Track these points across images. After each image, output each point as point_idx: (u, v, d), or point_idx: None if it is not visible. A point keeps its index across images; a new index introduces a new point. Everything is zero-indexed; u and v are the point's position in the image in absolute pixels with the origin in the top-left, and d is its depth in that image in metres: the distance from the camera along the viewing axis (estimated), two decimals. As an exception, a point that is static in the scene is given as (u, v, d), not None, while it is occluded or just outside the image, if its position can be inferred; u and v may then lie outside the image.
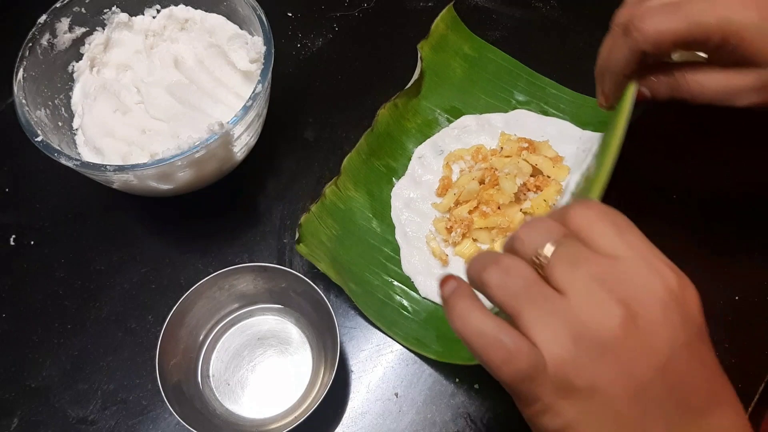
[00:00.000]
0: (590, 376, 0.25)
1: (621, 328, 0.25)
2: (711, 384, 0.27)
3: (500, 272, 0.27)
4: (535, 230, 0.28)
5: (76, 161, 0.41)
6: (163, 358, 0.40)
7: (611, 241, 0.27)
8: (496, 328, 0.26)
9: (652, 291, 0.26)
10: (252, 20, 0.47)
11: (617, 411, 0.25)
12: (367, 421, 0.42)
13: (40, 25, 0.46)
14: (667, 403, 0.25)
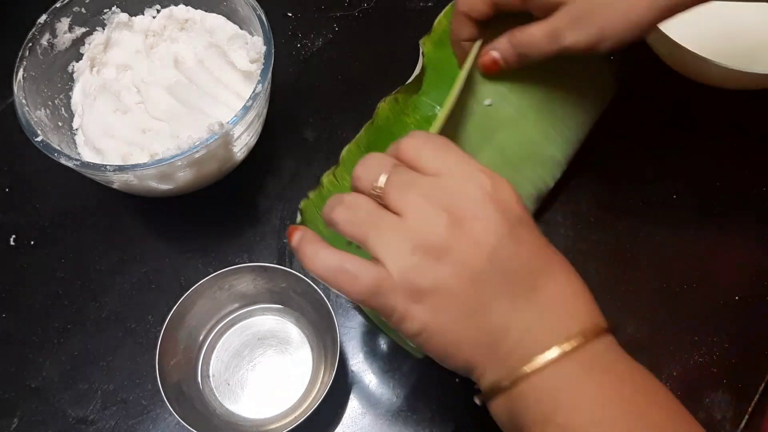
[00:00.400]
0: (432, 276, 0.29)
1: (448, 231, 0.29)
2: (538, 259, 0.31)
3: (345, 209, 0.31)
4: (369, 166, 0.32)
5: (76, 161, 0.41)
6: (163, 358, 0.40)
7: (433, 162, 0.31)
8: (339, 259, 0.30)
9: (469, 195, 0.30)
10: (252, 20, 0.47)
11: (460, 300, 0.29)
12: (367, 421, 0.42)
13: (40, 25, 0.46)
14: (501, 283, 0.30)
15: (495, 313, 0.30)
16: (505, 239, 0.30)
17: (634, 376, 0.31)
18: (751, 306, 0.46)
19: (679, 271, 0.47)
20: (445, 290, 0.29)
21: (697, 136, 0.53)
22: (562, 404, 0.29)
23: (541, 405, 0.29)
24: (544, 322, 0.30)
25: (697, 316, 0.46)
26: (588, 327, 0.30)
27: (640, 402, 0.30)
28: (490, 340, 0.30)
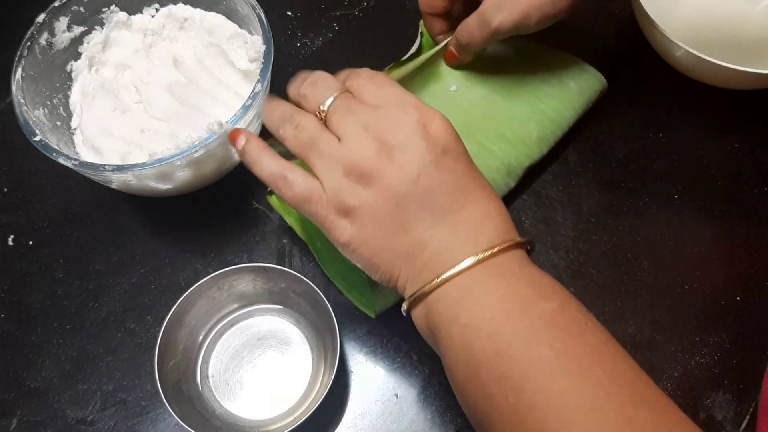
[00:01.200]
0: (358, 196, 0.34)
1: (378, 158, 0.33)
2: (458, 186, 0.34)
3: (292, 128, 0.36)
4: (318, 87, 0.36)
5: (74, 161, 0.40)
6: (163, 359, 0.40)
7: (374, 95, 0.35)
8: (281, 167, 0.35)
9: (401, 126, 0.34)
10: (251, 19, 0.46)
11: (382, 218, 0.33)
12: (367, 422, 0.42)
13: (39, 24, 0.46)
14: (421, 206, 0.33)
15: (414, 230, 0.34)
16: (429, 167, 0.33)
17: (537, 281, 0.33)
18: (751, 306, 0.46)
19: (679, 271, 0.47)
20: (370, 209, 0.34)
21: (697, 136, 0.52)
22: (465, 306, 0.32)
23: (449, 309, 0.33)
24: (458, 238, 0.33)
25: (698, 316, 0.45)
26: (496, 242, 0.33)
27: (536, 302, 0.32)
28: (409, 254, 0.34)
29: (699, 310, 0.46)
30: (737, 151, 0.52)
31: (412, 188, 0.33)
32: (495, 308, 0.32)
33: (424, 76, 0.50)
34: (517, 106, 0.49)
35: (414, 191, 0.33)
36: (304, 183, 0.35)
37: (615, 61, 0.56)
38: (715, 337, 0.45)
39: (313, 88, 0.36)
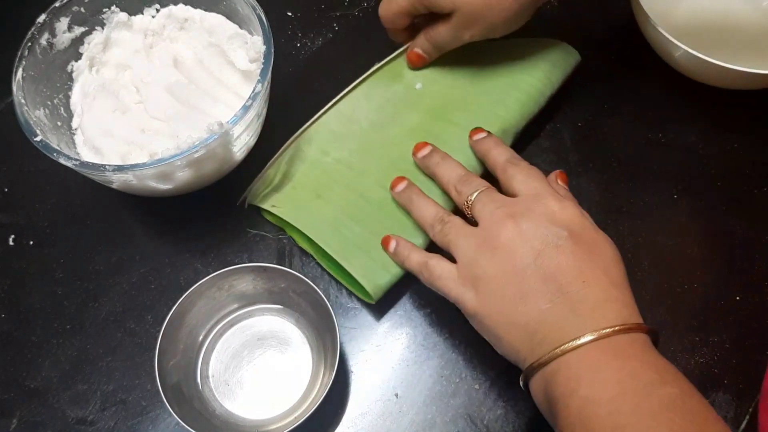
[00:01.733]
0: (485, 266, 0.38)
1: (507, 236, 0.38)
2: (580, 270, 0.36)
3: (441, 225, 0.42)
4: (470, 185, 0.42)
5: (75, 161, 0.40)
6: (163, 359, 0.40)
7: (520, 186, 0.41)
8: (425, 257, 0.42)
9: (532, 210, 0.38)
10: (251, 20, 0.46)
11: (504, 288, 0.37)
12: (367, 422, 0.42)
13: (39, 24, 0.46)
14: (542, 280, 0.36)
15: (533, 302, 0.36)
16: (551, 246, 0.37)
17: (660, 366, 0.34)
18: (751, 306, 0.46)
19: (679, 271, 0.47)
20: (492, 279, 0.37)
21: (697, 136, 0.53)
22: (585, 381, 0.33)
23: (569, 382, 0.34)
24: (577, 316, 0.35)
25: (698, 316, 0.46)
26: (617, 323, 0.35)
27: (658, 386, 0.33)
28: (528, 326, 0.36)
29: (699, 310, 0.46)
30: (737, 151, 0.52)
31: (533, 261, 0.37)
32: (617, 387, 0.33)
33: (388, 78, 0.53)
34: (489, 85, 0.51)
35: (534, 264, 0.36)
36: (441, 265, 0.40)
37: (615, 62, 0.56)
38: (715, 337, 0.45)
39: (467, 186, 0.42)
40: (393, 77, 0.53)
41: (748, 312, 0.46)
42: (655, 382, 0.33)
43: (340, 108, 0.51)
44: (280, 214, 0.47)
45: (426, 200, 0.44)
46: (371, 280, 0.44)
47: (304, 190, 0.48)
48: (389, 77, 0.53)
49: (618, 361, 0.34)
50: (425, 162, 0.46)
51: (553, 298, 0.36)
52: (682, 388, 0.33)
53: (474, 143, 0.47)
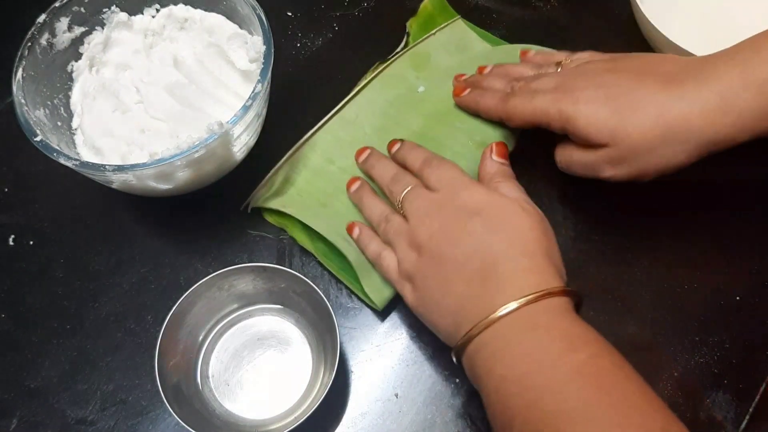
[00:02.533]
0: (415, 262, 0.40)
1: (428, 231, 0.40)
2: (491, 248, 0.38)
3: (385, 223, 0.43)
4: (400, 184, 0.44)
5: (75, 161, 0.40)
6: (163, 359, 0.40)
7: (436, 182, 0.42)
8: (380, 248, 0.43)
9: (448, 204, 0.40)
10: (251, 19, 0.46)
11: (430, 279, 0.39)
12: (367, 422, 0.42)
13: (40, 24, 0.46)
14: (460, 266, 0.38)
15: (454, 287, 0.38)
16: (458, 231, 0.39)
17: (567, 332, 0.35)
18: (751, 306, 0.46)
19: (679, 271, 0.47)
20: (420, 273, 0.39)
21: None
22: (500, 359, 0.35)
23: (487, 360, 0.35)
24: (488, 293, 0.36)
25: (698, 316, 0.45)
26: (524, 294, 0.35)
27: (565, 354, 0.33)
28: (455, 311, 0.38)
29: (699, 310, 0.46)
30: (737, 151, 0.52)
31: (451, 250, 0.38)
32: (526, 362, 0.34)
33: (391, 81, 0.53)
34: None
35: (452, 253, 0.38)
36: (389, 259, 0.42)
37: (615, 62, 0.56)
38: (715, 337, 0.45)
39: (397, 185, 0.44)
40: (395, 80, 0.53)
41: (748, 312, 0.45)
42: (563, 350, 0.33)
43: (343, 114, 0.51)
44: (290, 212, 0.47)
45: (374, 200, 0.45)
46: (380, 291, 0.44)
47: (309, 197, 0.48)
48: (392, 80, 0.53)
49: (528, 333, 0.34)
50: (364, 165, 0.48)
51: (468, 280, 0.37)
52: (590, 352, 0.33)
53: (393, 156, 0.47)
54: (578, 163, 0.43)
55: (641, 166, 0.40)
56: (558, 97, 0.42)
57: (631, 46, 0.56)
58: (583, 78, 0.43)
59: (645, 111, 0.39)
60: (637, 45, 0.55)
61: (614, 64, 0.43)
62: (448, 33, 0.56)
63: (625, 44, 0.57)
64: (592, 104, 0.41)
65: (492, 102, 0.47)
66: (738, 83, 0.38)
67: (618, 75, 0.42)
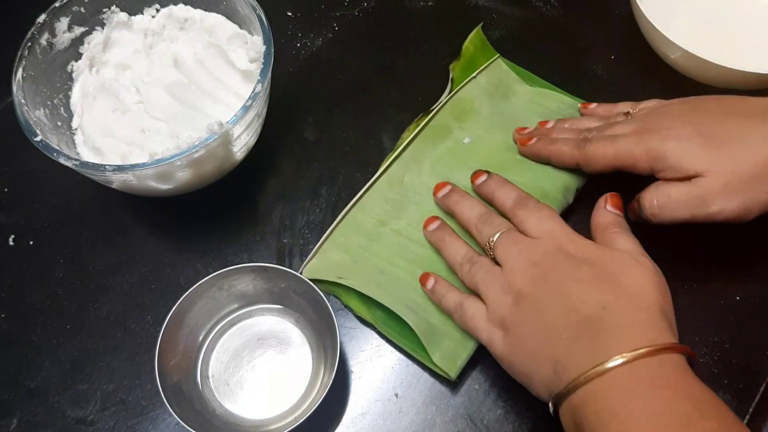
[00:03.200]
0: (511, 310, 0.38)
1: (530, 279, 0.38)
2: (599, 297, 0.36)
3: (470, 266, 0.41)
4: (491, 225, 0.42)
5: (75, 161, 0.41)
6: (163, 359, 0.40)
7: (535, 228, 0.40)
8: (460, 298, 0.41)
9: (553, 254, 0.38)
10: (251, 20, 0.46)
11: (531, 329, 0.37)
12: (367, 422, 0.42)
13: (39, 24, 0.46)
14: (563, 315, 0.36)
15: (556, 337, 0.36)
16: (569, 281, 0.37)
17: (697, 396, 0.32)
18: (751, 306, 0.46)
19: (679, 271, 0.47)
20: (519, 321, 0.37)
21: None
22: (617, 415, 0.32)
23: (600, 414, 0.32)
24: (599, 342, 0.34)
25: (698, 316, 0.45)
26: (640, 347, 0.33)
27: (696, 421, 0.31)
28: (555, 360, 0.35)
29: (699, 310, 0.46)
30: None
31: (556, 300, 0.36)
32: (652, 421, 0.31)
33: (435, 135, 0.51)
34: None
35: (557, 302, 0.36)
36: (474, 306, 0.40)
37: (614, 63, 0.56)
38: (714, 337, 0.45)
39: (487, 225, 0.42)
40: (440, 132, 0.51)
41: (748, 312, 0.46)
42: (692, 415, 0.31)
43: (390, 173, 0.49)
44: (352, 285, 0.44)
45: (457, 240, 0.44)
46: (452, 360, 0.42)
47: (366, 264, 0.46)
48: (436, 133, 0.51)
49: (650, 391, 0.32)
50: (445, 202, 0.46)
51: (576, 328, 0.35)
52: (721, 421, 0.31)
53: (477, 188, 0.46)
54: (678, 200, 0.40)
55: (748, 197, 0.39)
56: (642, 137, 0.41)
57: (630, 47, 0.56)
58: (666, 118, 0.42)
59: (742, 141, 0.38)
60: (637, 45, 0.55)
61: (694, 105, 0.42)
62: (488, 75, 0.54)
63: (625, 45, 0.57)
64: (683, 139, 0.39)
65: (566, 148, 0.45)
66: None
67: (702, 113, 0.41)
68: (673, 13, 0.57)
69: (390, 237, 0.47)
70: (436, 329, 0.43)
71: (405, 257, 0.46)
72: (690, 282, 0.47)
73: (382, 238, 0.47)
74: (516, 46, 0.57)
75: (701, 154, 0.39)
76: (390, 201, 0.48)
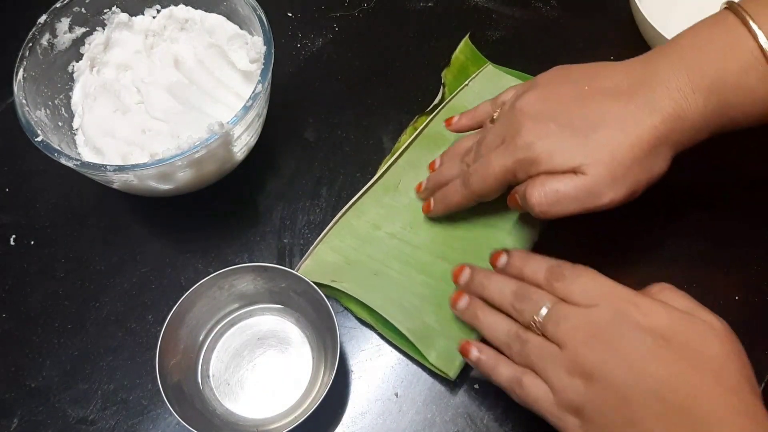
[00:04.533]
0: (584, 394, 0.34)
1: (598, 358, 0.34)
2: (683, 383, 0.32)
3: (519, 345, 0.37)
4: (530, 302, 0.37)
5: (76, 161, 0.41)
6: (163, 358, 0.40)
7: (583, 295, 0.36)
8: (515, 371, 0.37)
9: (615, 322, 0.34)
10: (252, 20, 0.47)
11: (609, 414, 0.33)
12: (367, 421, 0.42)
13: (40, 25, 0.46)
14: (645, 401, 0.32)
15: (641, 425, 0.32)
16: (648, 358, 0.33)
17: None
18: (751, 306, 0.46)
19: (679, 271, 0.47)
20: (594, 406, 0.34)
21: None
22: None
23: None
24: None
25: (697, 316, 0.45)
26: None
27: None
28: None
29: (698, 310, 0.46)
30: (736, 151, 0.52)
31: (633, 381, 0.33)
32: None
33: (430, 142, 0.51)
34: None
35: (635, 384, 0.33)
36: (536, 386, 0.36)
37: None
38: (714, 336, 0.45)
39: (526, 303, 0.38)
40: (435, 140, 0.51)
41: (748, 312, 0.46)
42: None
43: (386, 179, 0.49)
44: (343, 289, 0.44)
45: (495, 316, 0.39)
46: (451, 360, 0.42)
47: (360, 266, 0.46)
48: (431, 140, 0.51)
49: None
50: (471, 288, 0.41)
51: (661, 418, 0.32)
52: None
53: (503, 270, 0.41)
54: (566, 196, 0.38)
55: (632, 180, 0.38)
56: (509, 149, 0.39)
57: (630, 46, 0.56)
58: (525, 116, 0.40)
59: (606, 126, 0.38)
60: (636, 45, 0.55)
61: (547, 92, 0.40)
62: (481, 81, 0.54)
63: (624, 46, 0.57)
64: (548, 137, 0.38)
65: (457, 195, 0.43)
66: (687, 88, 0.37)
67: (557, 101, 0.39)
68: (672, 13, 0.57)
69: (384, 240, 0.47)
70: (432, 329, 0.43)
71: (399, 259, 0.46)
72: (689, 282, 0.47)
73: (376, 241, 0.47)
74: (515, 46, 0.57)
75: (573, 148, 0.38)
76: (384, 206, 0.48)
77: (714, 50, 0.37)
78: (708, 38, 0.38)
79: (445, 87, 0.54)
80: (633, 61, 0.41)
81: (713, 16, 0.39)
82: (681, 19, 0.57)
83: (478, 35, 0.58)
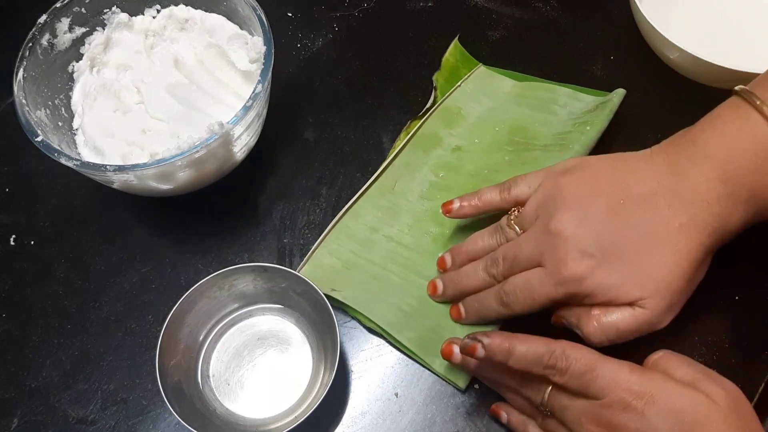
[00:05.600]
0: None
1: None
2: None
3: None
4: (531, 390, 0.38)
5: (76, 161, 0.41)
6: (163, 358, 0.40)
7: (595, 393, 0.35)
8: None
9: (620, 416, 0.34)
10: (252, 20, 0.47)
11: None
12: (367, 421, 0.42)
13: (40, 25, 0.46)
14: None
15: None
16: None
17: None
18: (751, 305, 0.46)
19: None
20: None
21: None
22: None
23: None
24: None
25: (697, 316, 0.45)
26: None
27: None
28: None
29: (698, 310, 0.46)
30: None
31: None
32: None
33: (425, 143, 0.51)
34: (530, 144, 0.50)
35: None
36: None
37: (614, 63, 0.56)
38: (714, 337, 0.45)
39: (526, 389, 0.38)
40: (430, 141, 0.51)
41: (748, 311, 0.46)
42: None
43: (382, 181, 0.49)
44: (343, 299, 0.44)
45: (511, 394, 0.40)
46: (459, 370, 0.42)
47: (359, 271, 0.46)
48: (426, 141, 0.51)
49: None
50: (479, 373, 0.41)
51: None
52: None
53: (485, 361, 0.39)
54: (628, 331, 0.38)
55: (684, 300, 0.39)
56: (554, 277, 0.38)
57: (629, 47, 0.56)
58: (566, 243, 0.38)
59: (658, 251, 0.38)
60: (636, 45, 0.55)
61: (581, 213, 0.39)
62: (474, 82, 0.54)
63: (625, 44, 0.57)
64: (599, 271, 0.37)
65: (493, 313, 0.42)
66: (728, 201, 0.38)
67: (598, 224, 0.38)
68: (672, 13, 0.57)
69: (382, 243, 0.47)
70: (435, 334, 0.43)
71: (398, 262, 0.46)
72: (689, 282, 0.47)
73: (374, 244, 0.47)
74: (515, 46, 0.57)
75: (627, 280, 0.37)
76: (381, 208, 0.48)
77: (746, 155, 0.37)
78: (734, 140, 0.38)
79: (436, 90, 0.54)
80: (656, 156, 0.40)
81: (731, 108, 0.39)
82: (681, 19, 0.58)
83: (478, 35, 0.58)
